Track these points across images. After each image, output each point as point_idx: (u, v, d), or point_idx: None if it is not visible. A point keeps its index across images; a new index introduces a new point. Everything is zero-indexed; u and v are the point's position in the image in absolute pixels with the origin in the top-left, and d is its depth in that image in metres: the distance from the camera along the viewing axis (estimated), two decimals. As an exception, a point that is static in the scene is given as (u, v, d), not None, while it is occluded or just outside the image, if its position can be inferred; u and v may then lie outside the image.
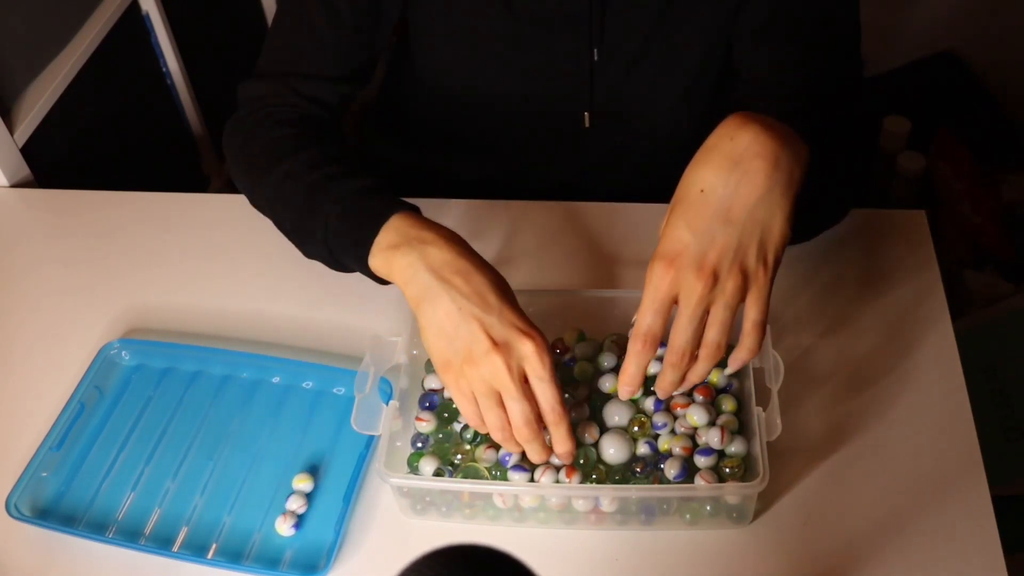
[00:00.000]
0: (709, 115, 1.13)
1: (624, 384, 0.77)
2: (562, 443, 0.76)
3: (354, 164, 0.90)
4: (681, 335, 0.72)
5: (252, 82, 0.99)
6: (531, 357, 0.73)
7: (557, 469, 0.80)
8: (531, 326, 0.75)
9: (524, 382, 0.74)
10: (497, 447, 0.82)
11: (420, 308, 0.76)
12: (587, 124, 1.06)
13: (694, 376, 0.77)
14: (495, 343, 0.73)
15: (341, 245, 0.83)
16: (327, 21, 0.96)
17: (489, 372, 0.73)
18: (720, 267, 0.70)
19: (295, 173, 0.88)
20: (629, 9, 0.97)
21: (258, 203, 0.95)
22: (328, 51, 0.98)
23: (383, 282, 0.84)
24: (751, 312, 0.72)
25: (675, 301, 0.72)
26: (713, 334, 0.72)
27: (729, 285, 0.70)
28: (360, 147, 1.33)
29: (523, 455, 0.81)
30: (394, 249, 0.78)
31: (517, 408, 0.74)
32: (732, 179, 0.70)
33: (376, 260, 0.80)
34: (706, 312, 0.72)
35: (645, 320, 0.73)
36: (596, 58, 1.00)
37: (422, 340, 0.77)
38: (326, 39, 0.97)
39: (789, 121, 0.96)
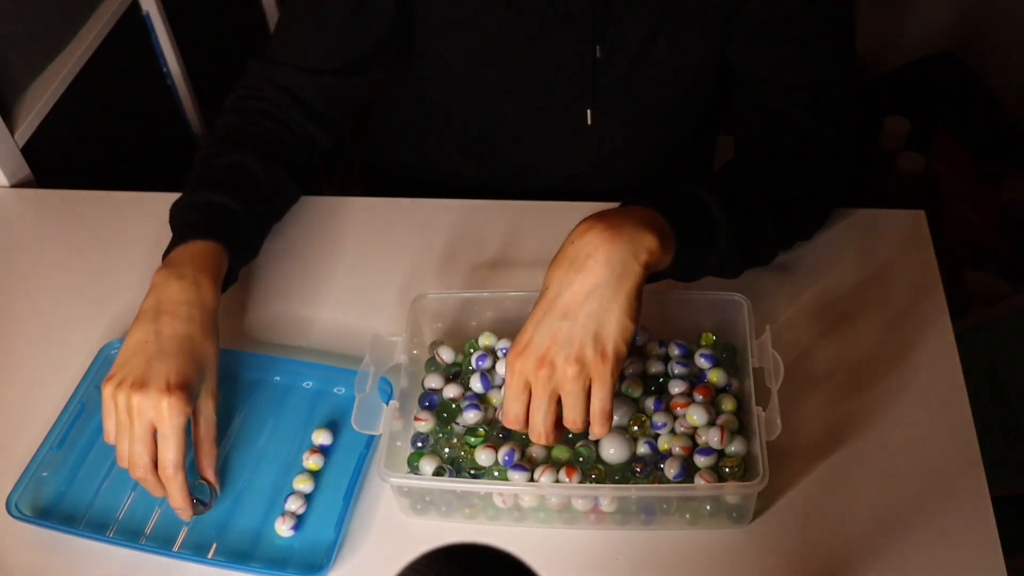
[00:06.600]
0: (710, 113, 1.14)
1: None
2: (174, 499, 0.81)
3: (243, 175, 0.95)
4: (535, 417, 0.77)
5: (252, 61, 1.04)
6: (160, 414, 0.78)
7: (557, 468, 0.80)
8: (182, 389, 0.79)
9: (151, 433, 0.79)
10: (497, 447, 0.82)
11: (135, 321, 0.83)
12: (589, 121, 1.06)
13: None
14: (140, 385, 0.79)
15: (173, 234, 0.92)
16: (314, 12, 1.00)
17: (137, 404, 0.79)
18: (557, 357, 0.75)
19: (200, 163, 0.98)
20: (632, 6, 0.97)
21: None
22: (312, 42, 1.01)
23: None
24: (594, 402, 0.76)
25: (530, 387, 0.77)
26: (568, 414, 0.77)
27: (568, 372, 0.75)
28: (360, 146, 1.33)
29: (522, 453, 0.81)
30: (164, 266, 0.87)
31: (134, 449, 0.79)
32: (568, 278, 0.76)
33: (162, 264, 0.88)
34: (557, 396, 0.76)
35: (507, 406, 0.78)
36: (599, 55, 1.00)
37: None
38: (312, 29, 1.01)
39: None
